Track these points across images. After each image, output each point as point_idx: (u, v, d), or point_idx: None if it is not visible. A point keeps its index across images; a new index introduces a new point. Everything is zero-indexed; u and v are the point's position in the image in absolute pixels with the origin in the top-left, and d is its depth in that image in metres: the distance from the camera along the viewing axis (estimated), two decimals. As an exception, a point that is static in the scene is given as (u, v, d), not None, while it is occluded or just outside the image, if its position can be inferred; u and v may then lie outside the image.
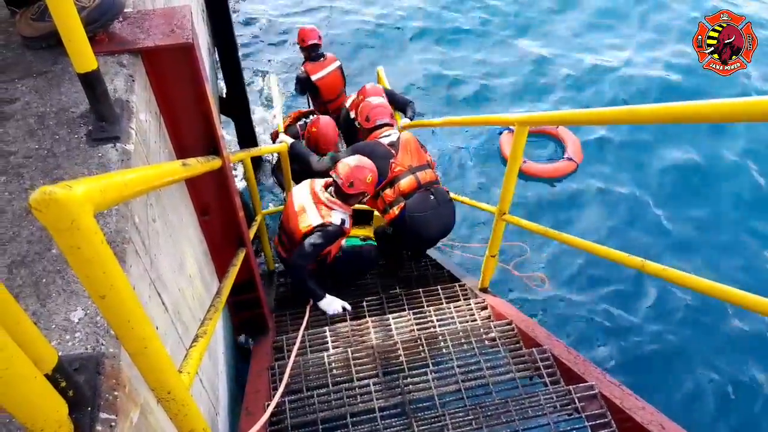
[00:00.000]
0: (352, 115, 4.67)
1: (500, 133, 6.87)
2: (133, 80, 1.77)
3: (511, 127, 6.71)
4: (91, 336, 1.17)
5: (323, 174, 3.96)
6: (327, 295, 3.61)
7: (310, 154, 4.38)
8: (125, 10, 1.92)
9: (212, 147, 2.25)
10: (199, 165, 1.77)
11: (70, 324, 1.19)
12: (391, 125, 4.11)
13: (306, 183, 3.77)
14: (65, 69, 1.77)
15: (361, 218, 5.17)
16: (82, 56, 1.43)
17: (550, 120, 2.60)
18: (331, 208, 3.53)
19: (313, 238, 3.44)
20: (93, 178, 0.87)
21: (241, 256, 2.65)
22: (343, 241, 4.36)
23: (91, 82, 1.49)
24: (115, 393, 1.11)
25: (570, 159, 6.54)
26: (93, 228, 0.78)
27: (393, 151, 3.82)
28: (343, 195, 3.54)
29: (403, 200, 3.75)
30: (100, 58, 1.51)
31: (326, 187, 3.64)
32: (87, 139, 1.56)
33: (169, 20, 1.93)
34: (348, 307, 3.62)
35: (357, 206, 3.88)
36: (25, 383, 0.82)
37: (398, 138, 3.89)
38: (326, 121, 4.89)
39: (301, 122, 5.28)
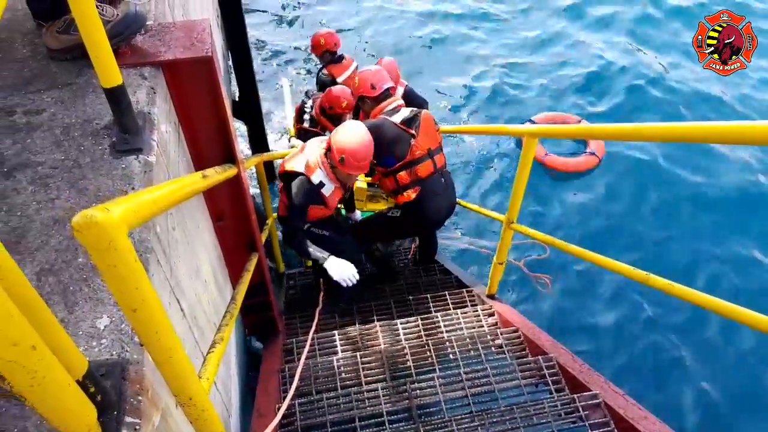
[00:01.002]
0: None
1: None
2: (155, 92, 1.83)
3: (532, 119, 6.78)
4: (116, 342, 1.23)
5: None
6: (332, 257, 3.20)
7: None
8: (146, 23, 1.98)
9: (228, 155, 2.31)
10: (217, 175, 1.83)
11: (97, 331, 1.25)
12: (394, 89, 3.90)
13: (316, 140, 3.57)
14: (89, 81, 1.83)
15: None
16: (108, 72, 1.49)
17: (559, 133, 2.64)
18: (318, 166, 3.32)
19: (291, 195, 3.30)
20: (125, 198, 0.92)
21: (254, 260, 2.71)
22: (359, 214, 4.35)
23: (116, 96, 1.56)
24: (139, 398, 1.17)
25: (592, 154, 6.51)
26: (128, 247, 0.83)
27: (411, 131, 3.57)
28: (333, 167, 3.31)
29: (418, 184, 3.61)
30: (122, 71, 1.57)
31: (327, 148, 3.38)
32: (111, 150, 1.62)
33: (189, 33, 1.99)
34: (356, 274, 3.18)
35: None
36: (61, 390, 0.88)
37: (415, 116, 3.64)
38: (341, 90, 4.91)
39: (306, 116, 5.21)
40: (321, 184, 3.30)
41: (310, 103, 5.19)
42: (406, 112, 3.63)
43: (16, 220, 1.44)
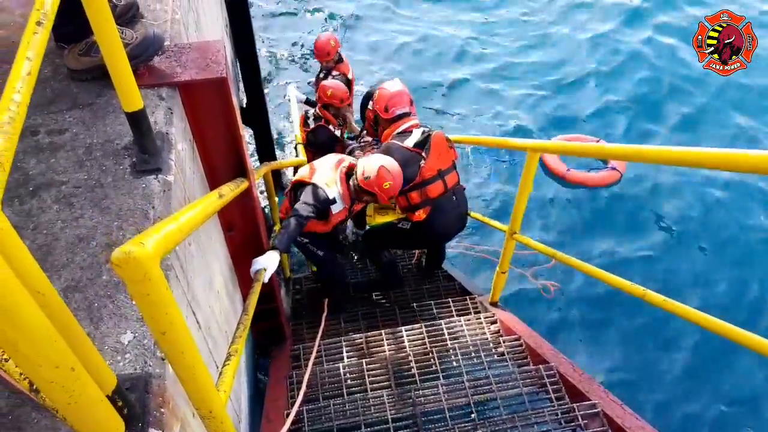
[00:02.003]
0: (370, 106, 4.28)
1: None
2: (172, 113, 1.90)
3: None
4: (139, 357, 1.31)
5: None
6: (273, 252, 2.81)
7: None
8: (164, 44, 2.06)
9: (240, 169, 2.39)
10: (231, 192, 1.90)
11: (121, 346, 1.32)
12: (410, 114, 3.90)
13: (334, 156, 3.69)
14: (109, 101, 1.91)
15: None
16: (130, 97, 1.57)
17: (562, 149, 2.72)
18: (334, 184, 3.42)
19: (304, 195, 3.32)
20: (155, 229, 0.99)
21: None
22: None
23: (137, 120, 1.63)
24: (162, 410, 1.24)
25: (614, 168, 6.57)
26: (160, 277, 0.91)
27: (422, 154, 3.64)
28: (356, 186, 3.42)
29: (429, 204, 3.72)
30: (141, 91, 1.63)
31: (348, 170, 3.54)
32: (131, 170, 1.70)
33: (204, 54, 2.06)
34: (269, 272, 2.71)
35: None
36: (94, 406, 0.95)
37: (427, 137, 3.69)
38: (329, 82, 5.09)
39: (310, 120, 5.30)
40: (333, 200, 3.39)
41: (312, 111, 5.32)
42: (417, 135, 3.69)
43: (42, 238, 1.51)
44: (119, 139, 1.79)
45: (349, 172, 3.56)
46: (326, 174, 3.44)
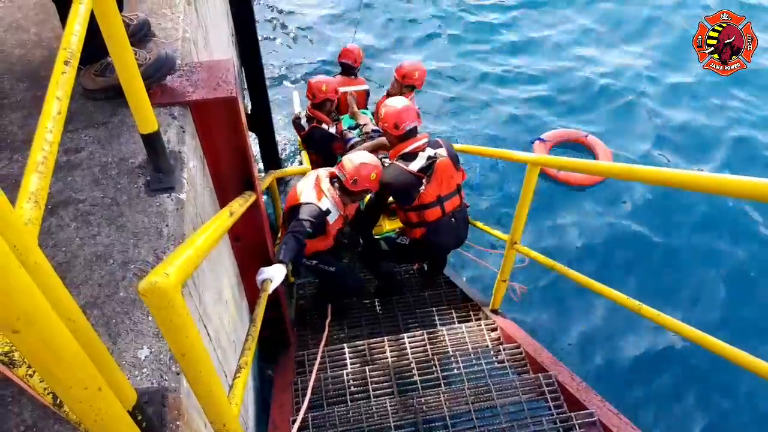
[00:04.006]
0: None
1: (532, 143, 6.99)
2: (184, 131, 1.97)
3: (542, 137, 6.94)
4: (155, 372, 1.38)
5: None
6: (280, 265, 2.86)
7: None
8: (176, 64, 2.12)
9: (248, 182, 2.45)
10: (241, 208, 1.97)
11: (138, 361, 1.39)
12: (418, 130, 3.83)
13: (313, 173, 3.71)
14: (123, 120, 1.98)
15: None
16: (146, 120, 1.64)
17: (561, 165, 2.78)
18: (324, 195, 3.48)
19: (299, 214, 3.34)
20: (175, 255, 1.06)
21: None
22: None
23: (152, 141, 1.70)
24: (177, 423, 1.31)
25: None
26: (182, 303, 0.98)
27: (423, 180, 3.64)
28: (346, 191, 3.51)
29: (425, 226, 3.77)
30: (153, 110, 1.69)
31: (330, 178, 3.60)
32: (145, 188, 1.76)
33: (215, 73, 2.13)
34: (275, 283, 2.75)
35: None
36: (118, 422, 1.01)
37: (432, 163, 3.66)
38: (318, 77, 5.02)
39: (302, 121, 5.17)
40: (327, 211, 3.44)
41: (303, 112, 5.27)
42: (422, 160, 3.64)
43: (61, 255, 1.58)
44: (133, 157, 1.86)
45: (332, 179, 3.59)
46: (312, 192, 3.48)
